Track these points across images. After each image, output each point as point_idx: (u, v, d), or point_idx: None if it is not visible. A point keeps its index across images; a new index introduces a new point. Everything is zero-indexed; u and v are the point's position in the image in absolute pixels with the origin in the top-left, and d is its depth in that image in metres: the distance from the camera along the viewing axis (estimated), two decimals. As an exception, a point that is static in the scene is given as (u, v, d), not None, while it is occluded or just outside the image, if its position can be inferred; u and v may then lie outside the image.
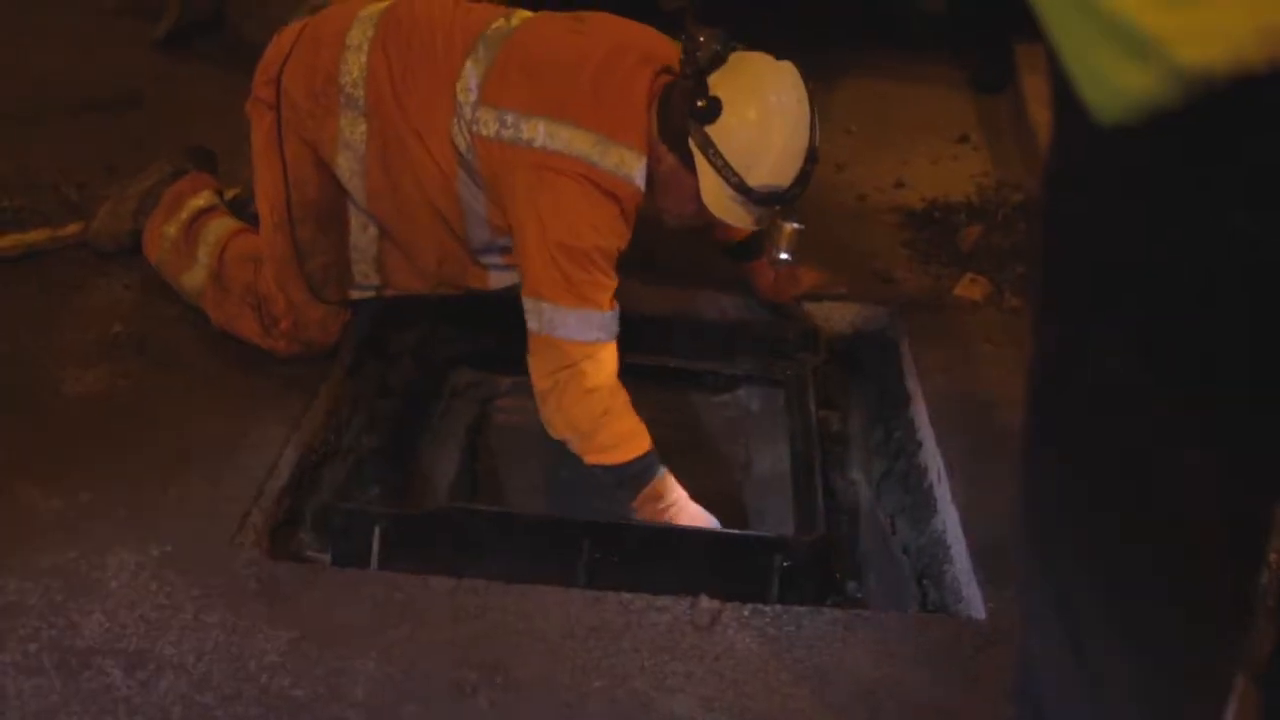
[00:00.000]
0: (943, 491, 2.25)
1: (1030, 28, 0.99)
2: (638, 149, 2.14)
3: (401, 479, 2.33)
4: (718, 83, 2.07)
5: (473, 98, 2.17)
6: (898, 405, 2.62)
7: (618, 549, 2.05)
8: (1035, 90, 3.63)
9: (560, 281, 2.09)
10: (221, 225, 2.50)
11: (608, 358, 2.15)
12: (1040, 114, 3.45)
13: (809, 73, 2.15)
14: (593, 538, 2.05)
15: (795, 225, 2.26)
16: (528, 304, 2.14)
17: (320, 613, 1.85)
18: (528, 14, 2.32)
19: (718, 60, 2.08)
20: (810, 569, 2.05)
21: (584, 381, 2.11)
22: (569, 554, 2.04)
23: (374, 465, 2.25)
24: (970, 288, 2.80)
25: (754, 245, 2.55)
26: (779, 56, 2.14)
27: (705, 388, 2.65)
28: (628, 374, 2.58)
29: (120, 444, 2.15)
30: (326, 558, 2.05)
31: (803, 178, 2.10)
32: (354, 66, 2.24)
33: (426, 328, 2.54)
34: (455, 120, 2.19)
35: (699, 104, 2.06)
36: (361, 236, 2.35)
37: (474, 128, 2.17)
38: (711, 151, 2.06)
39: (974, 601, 2.00)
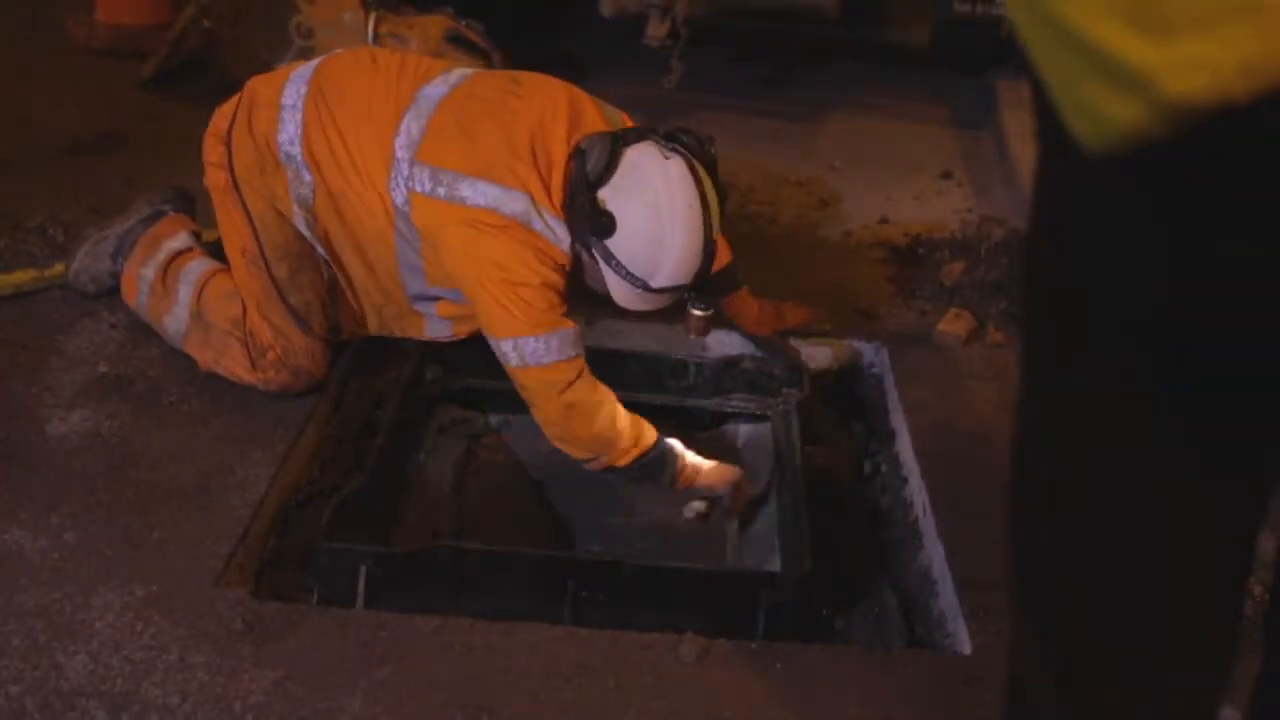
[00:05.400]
0: (928, 526, 2.26)
1: (1012, 63, 1.00)
2: (562, 218, 2.19)
3: (387, 517, 2.33)
4: (610, 195, 2.11)
5: (410, 154, 2.23)
6: (883, 440, 2.63)
7: (604, 587, 2.06)
8: (1017, 126, 3.68)
9: (521, 316, 2.14)
10: (200, 265, 2.52)
11: (587, 369, 2.22)
12: (1023, 149, 3.50)
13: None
14: (579, 576, 2.06)
15: (703, 312, 2.35)
16: (501, 348, 2.19)
17: (306, 653, 1.84)
18: (466, 70, 2.39)
19: (609, 168, 2.11)
20: (796, 605, 2.05)
21: (589, 394, 2.19)
22: (555, 592, 2.04)
23: (360, 503, 2.22)
24: (954, 323, 2.83)
25: (731, 279, 2.57)
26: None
27: (691, 424, 2.66)
28: None
29: (106, 484, 2.15)
30: (312, 597, 2.05)
31: (704, 271, 2.17)
32: (289, 124, 2.31)
33: (413, 365, 2.55)
34: (393, 175, 2.25)
35: (594, 219, 2.12)
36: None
37: (410, 183, 2.23)
38: (614, 263, 2.13)
39: (960, 637, 2.00)
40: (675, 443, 2.29)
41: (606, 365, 2.53)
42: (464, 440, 2.61)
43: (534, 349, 2.16)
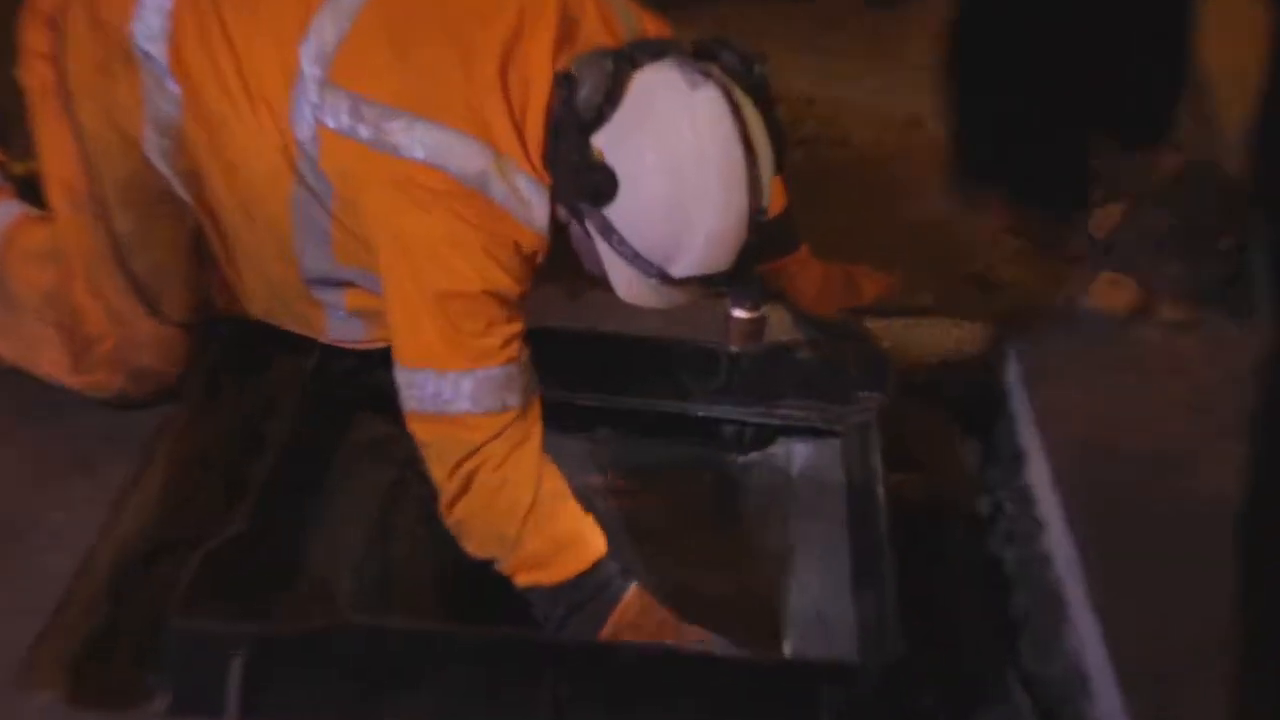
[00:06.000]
0: (1076, 593, 2.23)
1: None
2: (542, 179, 2.14)
3: (275, 582, 2.30)
4: (611, 142, 2.05)
5: (321, 72, 2.19)
6: (1007, 466, 2.60)
7: (597, 682, 2.05)
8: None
9: (441, 339, 2.13)
10: (3, 210, 2.51)
11: (529, 430, 2.19)
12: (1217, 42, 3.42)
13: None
14: (561, 666, 2.04)
15: (750, 313, 2.30)
16: (401, 377, 2.19)
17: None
18: None
19: (610, 101, 2.05)
20: (881, 710, 2.04)
21: (496, 469, 2.16)
22: (526, 690, 2.04)
23: (234, 561, 2.19)
24: (1110, 293, 2.82)
25: (783, 235, 2.55)
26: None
27: (725, 443, 2.65)
28: (607, 425, 2.61)
29: None
30: (161, 702, 2.02)
31: (749, 254, 2.09)
32: (151, 14, 2.26)
33: (318, 355, 2.52)
34: (295, 99, 2.20)
35: (585, 181, 2.06)
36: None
37: (320, 114, 2.18)
38: (616, 239, 2.07)
39: (1129, 760, 1.97)
40: (637, 589, 2.19)
41: (595, 358, 2.47)
42: (391, 467, 2.57)
43: (436, 390, 2.14)
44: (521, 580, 2.19)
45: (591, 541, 2.19)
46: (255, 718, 1.97)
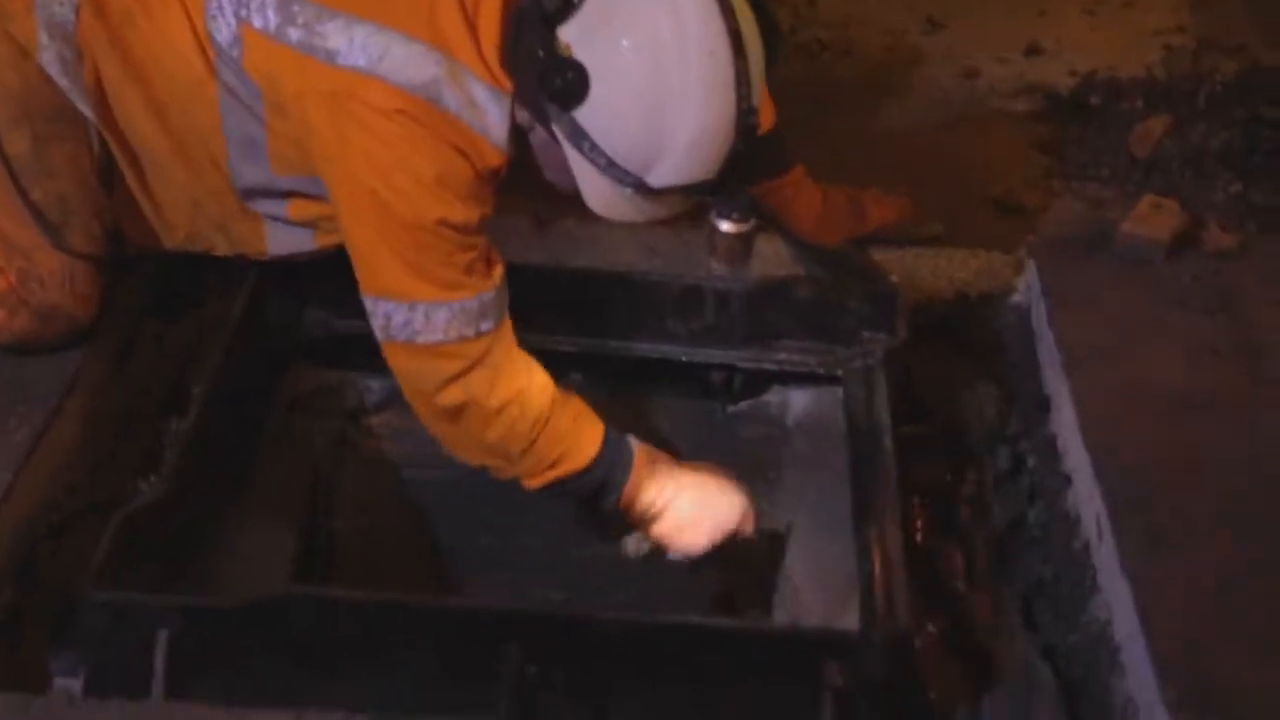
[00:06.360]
0: (1107, 556, 2.25)
1: None
2: (500, 84, 2.15)
3: (203, 549, 2.32)
4: (580, 35, 2.05)
5: None
6: (1032, 415, 2.61)
7: (566, 656, 2.06)
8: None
9: (401, 268, 2.16)
10: None
11: (506, 348, 2.24)
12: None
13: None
14: (526, 638, 2.05)
15: (737, 226, 2.32)
16: (369, 305, 2.23)
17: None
18: None
19: None
20: (886, 685, 2.06)
21: (486, 400, 2.21)
22: (487, 666, 2.03)
23: (159, 527, 2.20)
24: (1151, 219, 2.80)
25: (773, 153, 2.56)
26: None
27: (712, 390, 2.66)
28: (579, 370, 2.60)
29: None
30: (76, 683, 2.03)
31: (736, 160, 2.11)
32: None
33: (246, 295, 2.53)
34: None
35: (552, 78, 2.06)
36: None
37: (243, 13, 2.20)
38: (587, 145, 2.08)
39: (1161, 740, 1.99)
40: (639, 450, 2.33)
41: (566, 296, 2.50)
42: (332, 421, 2.60)
43: (405, 321, 2.18)
44: (534, 484, 2.30)
45: (589, 432, 2.29)
46: (182, 698, 1.98)
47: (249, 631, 2.05)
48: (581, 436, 2.28)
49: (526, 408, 2.23)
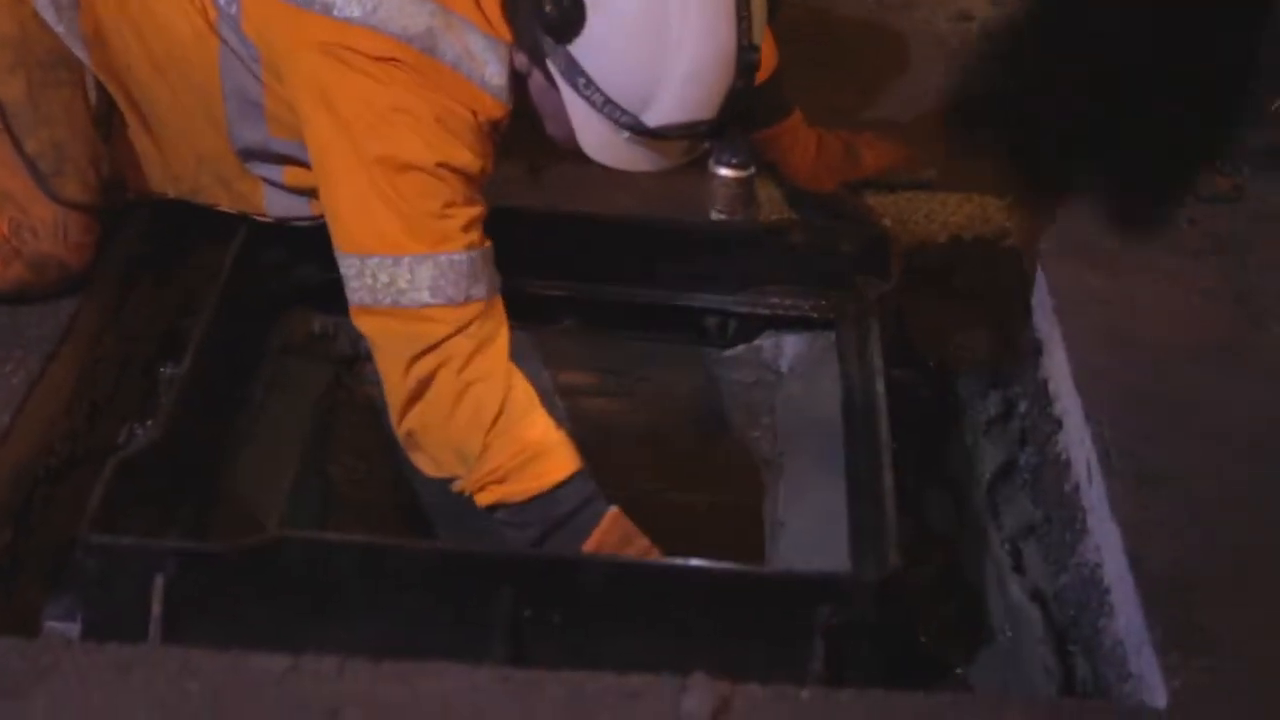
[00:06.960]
0: (1097, 498, 2.26)
1: None
2: (499, 33, 2.14)
3: (199, 495, 2.33)
4: None
5: None
6: (1023, 359, 2.62)
7: (560, 600, 2.06)
8: None
9: (391, 218, 2.13)
10: None
11: (495, 329, 2.20)
12: None
13: None
14: (519, 582, 2.05)
15: (736, 171, 2.30)
16: (345, 264, 2.20)
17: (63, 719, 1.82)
18: None
19: None
20: (876, 628, 2.06)
21: (460, 371, 2.16)
22: (481, 610, 2.04)
23: (153, 472, 2.22)
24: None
25: (773, 97, 2.56)
26: None
27: (706, 335, 2.66)
28: (573, 314, 2.61)
29: None
30: (73, 627, 2.05)
31: (736, 99, 2.09)
32: None
33: (241, 242, 2.52)
34: None
35: (547, 9, 2.04)
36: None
37: None
38: (583, 82, 2.07)
39: (1148, 679, 2.00)
40: (611, 514, 2.21)
41: (560, 241, 2.50)
42: (326, 368, 2.61)
43: (390, 279, 2.14)
44: (485, 499, 2.19)
45: (565, 454, 2.19)
46: (179, 643, 1.95)
47: (245, 576, 2.06)
48: (547, 459, 2.18)
49: (495, 388, 2.16)
